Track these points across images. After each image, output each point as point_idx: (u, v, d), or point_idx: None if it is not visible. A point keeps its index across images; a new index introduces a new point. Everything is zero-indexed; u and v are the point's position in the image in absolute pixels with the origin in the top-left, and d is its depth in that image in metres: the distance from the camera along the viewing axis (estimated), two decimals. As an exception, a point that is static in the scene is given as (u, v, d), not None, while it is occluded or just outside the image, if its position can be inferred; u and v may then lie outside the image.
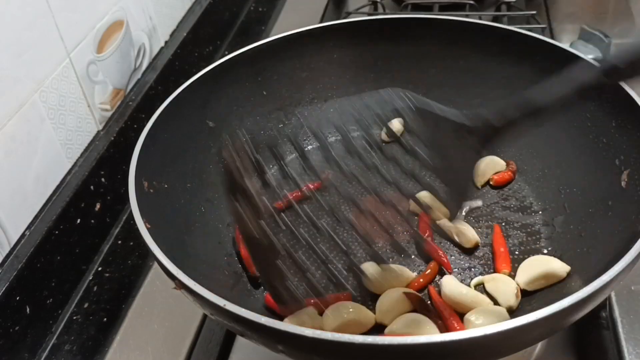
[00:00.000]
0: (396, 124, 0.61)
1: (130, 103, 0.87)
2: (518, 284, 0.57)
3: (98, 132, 0.81)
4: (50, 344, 0.67)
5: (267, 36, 0.77)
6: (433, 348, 0.40)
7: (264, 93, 0.75)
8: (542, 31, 0.98)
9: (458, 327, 0.54)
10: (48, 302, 0.68)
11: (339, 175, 0.47)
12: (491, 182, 0.69)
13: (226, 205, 0.68)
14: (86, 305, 0.71)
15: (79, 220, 0.73)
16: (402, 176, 0.47)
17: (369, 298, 0.58)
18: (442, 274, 0.60)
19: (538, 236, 0.63)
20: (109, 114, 0.84)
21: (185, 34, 1.01)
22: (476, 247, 0.63)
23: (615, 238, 0.52)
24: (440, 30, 0.74)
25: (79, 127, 0.77)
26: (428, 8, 1.10)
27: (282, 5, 1.22)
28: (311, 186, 0.49)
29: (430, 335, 0.40)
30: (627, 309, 0.61)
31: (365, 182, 0.46)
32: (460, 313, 0.56)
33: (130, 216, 0.53)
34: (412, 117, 0.49)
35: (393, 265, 0.59)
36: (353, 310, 0.55)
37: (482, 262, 0.61)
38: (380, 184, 0.46)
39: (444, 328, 0.54)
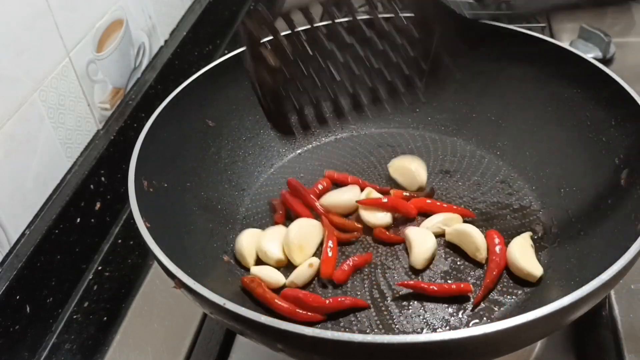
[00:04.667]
0: None
1: (130, 102, 0.87)
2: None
3: (98, 131, 0.81)
4: (51, 343, 0.67)
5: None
6: (433, 346, 0.40)
7: (264, 92, 0.75)
8: (542, 30, 0.98)
9: None
10: (48, 301, 0.68)
11: None
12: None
13: (225, 204, 0.68)
14: (86, 304, 0.71)
15: (78, 220, 0.73)
16: None
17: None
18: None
19: (538, 235, 0.63)
20: (108, 113, 0.84)
21: (185, 33, 1.01)
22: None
23: (614, 237, 0.52)
24: (440, 29, 0.74)
25: (78, 127, 0.77)
26: (428, 7, 1.10)
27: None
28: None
29: (430, 334, 0.40)
30: (626, 307, 0.61)
31: None
32: None
33: (130, 215, 0.53)
34: None
35: None
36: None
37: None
38: None
39: None
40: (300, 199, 0.67)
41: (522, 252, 0.59)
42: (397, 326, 0.56)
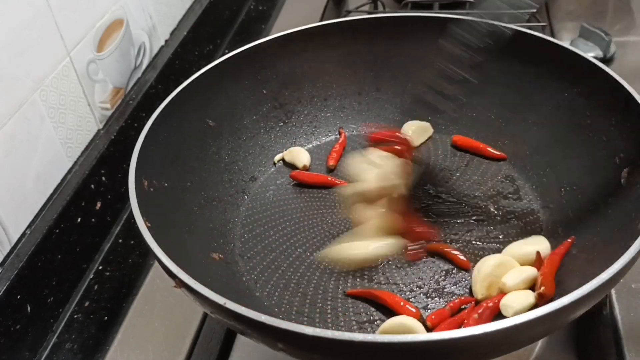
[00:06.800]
0: None
1: (131, 102, 0.87)
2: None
3: (98, 131, 0.81)
4: (51, 343, 0.67)
5: (267, 35, 0.77)
6: (433, 346, 0.40)
7: (264, 92, 0.75)
8: (542, 29, 0.98)
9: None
10: (49, 300, 0.68)
11: None
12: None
13: (225, 204, 0.68)
14: (87, 304, 0.71)
15: (79, 219, 0.73)
16: None
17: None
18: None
19: (538, 234, 0.63)
20: (109, 112, 0.84)
21: (185, 33, 1.01)
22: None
23: (615, 236, 0.52)
24: (440, 29, 0.74)
25: (79, 126, 0.77)
26: (428, 6, 1.10)
27: (282, 4, 1.22)
28: None
29: (430, 334, 0.40)
30: (627, 306, 0.61)
31: None
32: None
33: (131, 215, 0.53)
34: None
35: None
36: None
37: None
38: None
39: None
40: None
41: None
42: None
